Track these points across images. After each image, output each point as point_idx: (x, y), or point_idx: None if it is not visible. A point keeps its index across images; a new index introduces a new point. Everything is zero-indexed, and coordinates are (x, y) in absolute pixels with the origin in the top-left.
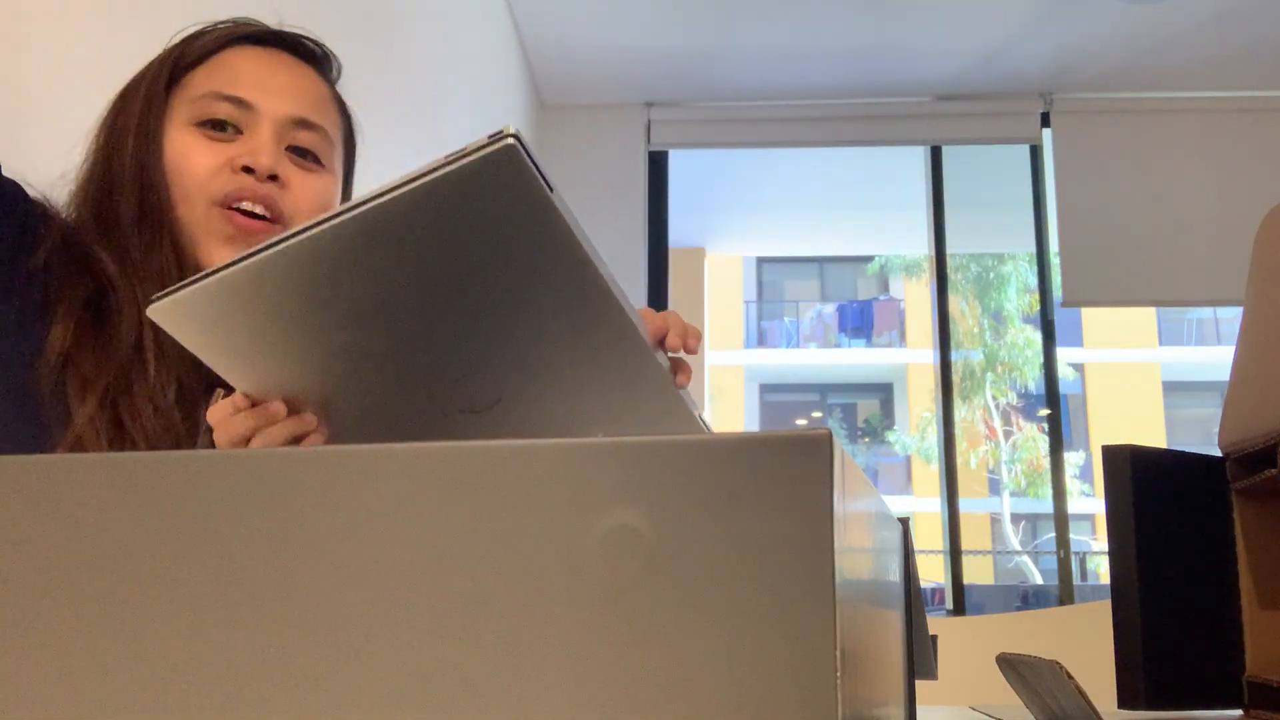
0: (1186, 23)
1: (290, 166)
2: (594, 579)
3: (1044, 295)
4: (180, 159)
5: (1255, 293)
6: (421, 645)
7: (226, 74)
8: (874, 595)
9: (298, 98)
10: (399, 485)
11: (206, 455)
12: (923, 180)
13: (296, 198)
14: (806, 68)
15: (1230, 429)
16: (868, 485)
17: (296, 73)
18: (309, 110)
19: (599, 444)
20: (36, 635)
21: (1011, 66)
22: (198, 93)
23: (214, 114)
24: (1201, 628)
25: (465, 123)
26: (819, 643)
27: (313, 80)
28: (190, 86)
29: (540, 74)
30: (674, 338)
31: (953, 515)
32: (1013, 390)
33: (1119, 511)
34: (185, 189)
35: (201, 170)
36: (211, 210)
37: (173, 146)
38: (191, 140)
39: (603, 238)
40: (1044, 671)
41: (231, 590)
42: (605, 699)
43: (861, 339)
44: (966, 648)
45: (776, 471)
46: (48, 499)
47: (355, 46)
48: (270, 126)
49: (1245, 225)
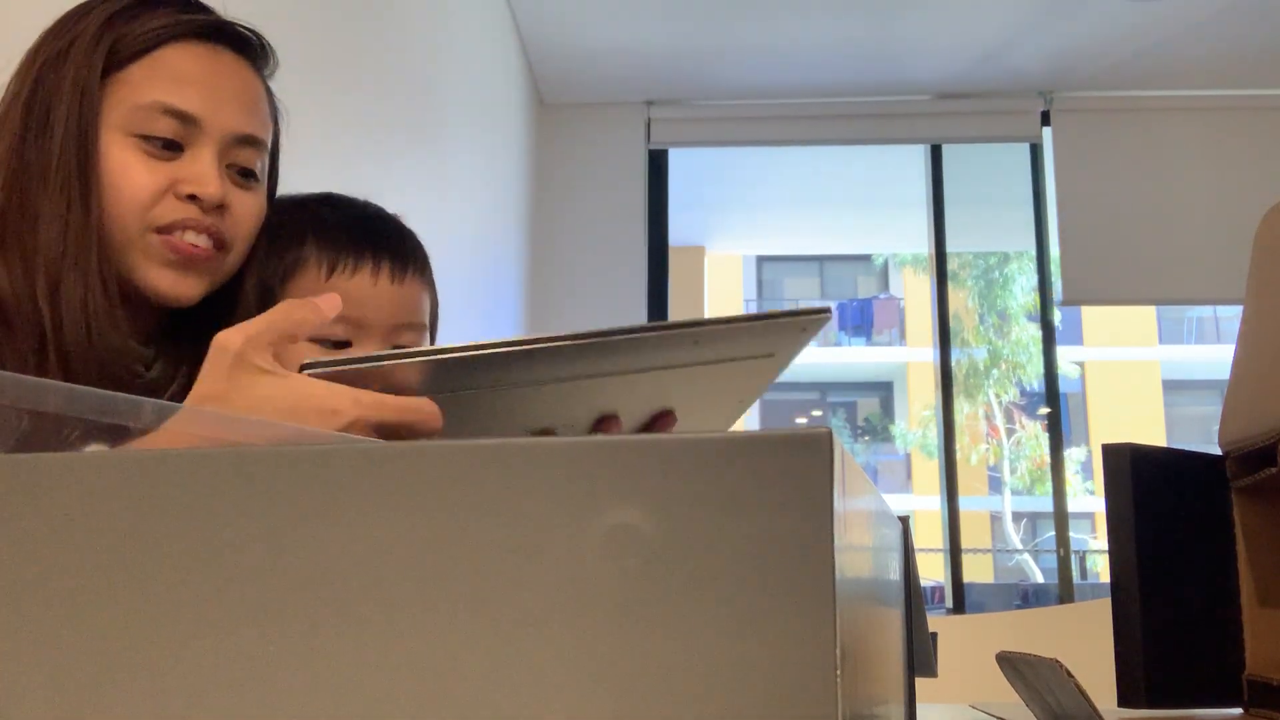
0: (1187, 21)
1: (231, 188)
2: (594, 577)
3: (1044, 293)
4: (118, 175)
5: (1255, 291)
6: (421, 643)
7: (169, 79)
8: (874, 593)
9: (243, 110)
10: (399, 483)
11: (208, 454)
12: (923, 179)
13: (237, 220)
14: (806, 66)
15: (1230, 427)
16: (868, 484)
17: (239, 75)
18: (253, 124)
19: (599, 442)
20: (37, 635)
21: (1012, 65)
22: (140, 99)
23: (156, 131)
24: (1202, 626)
25: (465, 122)
26: (819, 641)
27: (253, 81)
28: (128, 85)
29: (540, 73)
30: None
31: (953, 514)
32: (1015, 387)
33: (1119, 510)
34: (120, 208)
35: (142, 193)
36: (149, 235)
37: (109, 155)
38: (129, 157)
39: (603, 237)
40: (1044, 670)
41: (231, 589)
42: (605, 697)
43: (861, 337)
44: (966, 646)
45: (776, 470)
46: (49, 497)
47: (355, 46)
48: (214, 146)
49: (1245, 224)
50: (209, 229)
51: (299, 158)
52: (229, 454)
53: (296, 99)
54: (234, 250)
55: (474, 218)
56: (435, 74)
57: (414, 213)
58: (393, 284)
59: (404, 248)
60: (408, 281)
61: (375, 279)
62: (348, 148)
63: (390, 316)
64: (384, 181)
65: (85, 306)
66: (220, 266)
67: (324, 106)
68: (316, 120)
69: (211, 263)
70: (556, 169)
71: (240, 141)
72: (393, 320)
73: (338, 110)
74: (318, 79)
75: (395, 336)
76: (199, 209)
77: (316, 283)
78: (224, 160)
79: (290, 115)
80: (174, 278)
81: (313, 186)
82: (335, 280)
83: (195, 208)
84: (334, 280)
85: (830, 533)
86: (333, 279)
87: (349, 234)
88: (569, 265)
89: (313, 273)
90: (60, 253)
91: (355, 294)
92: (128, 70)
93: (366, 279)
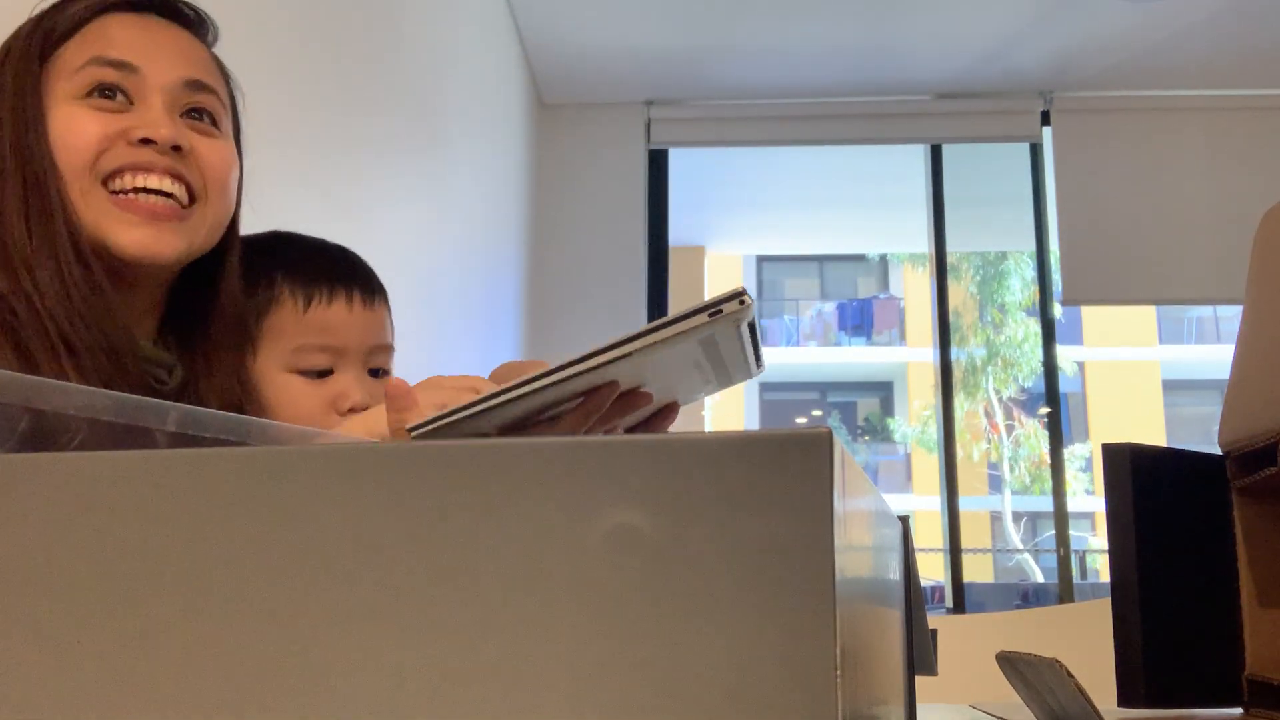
0: (1186, 21)
1: (190, 133)
2: (594, 577)
3: (1044, 293)
4: (65, 131)
5: (1255, 291)
6: (422, 642)
7: (104, 40)
8: (874, 593)
9: (185, 59)
10: (400, 484)
11: (208, 454)
12: (923, 178)
13: (204, 164)
14: (806, 66)
15: (1230, 427)
16: (868, 484)
17: (177, 37)
18: (198, 71)
19: (599, 442)
20: (38, 634)
21: (1011, 65)
22: (75, 64)
23: (99, 79)
24: (1201, 626)
25: (465, 123)
26: (819, 641)
27: (194, 44)
28: (65, 60)
29: (540, 72)
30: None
31: (952, 513)
32: (1015, 383)
33: (1119, 510)
34: (72, 165)
35: (89, 139)
36: (100, 191)
37: (56, 124)
38: (76, 112)
39: (603, 237)
40: (1044, 670)
41: (231, 587)
42: (606, 695)
43: (861, 337)
44: (966, 646)
45: (777, 470)
46: (52, 496)
47: (355, 46)
48: (162, 93)
49: (1245, 224)
50: (169, 170)
51: (301, 159)
52: (229, 454)
53: (296, 100)
54: (209, 203)
55: (474, 218)
56: (435, 74)
57: (414, 214)
58: (365, 310)
59: (368, 276)
60: (376, 306)
61: (350, 307)
62: (348, 148)
63: (366, 340)
64: (384, 183)
65: (63, 278)
66: (198, 223)
67: (324, 107)
68: (317, 121)
69: (183, 217)
70: (556, 169)
71: (189, 86)
72: (369, 344)
73: (338, 111)
74: (317, 79)
75: (372, 359)
76: (154, 152)
77: (295, 315)
78: (176, 107)
79: (290, 116)
80: (141, 235)
81: (315, 186)
82: (314, 312)
83: (149, 150)
84: (312, 312)
85: (830, 533)
86: (311, 311)
87: (317, 267)
88: (569, 265)
89: (289, 306)
90: (27, 237)
91: (334, 323)
92: (63, 49)
93: (342, 308)
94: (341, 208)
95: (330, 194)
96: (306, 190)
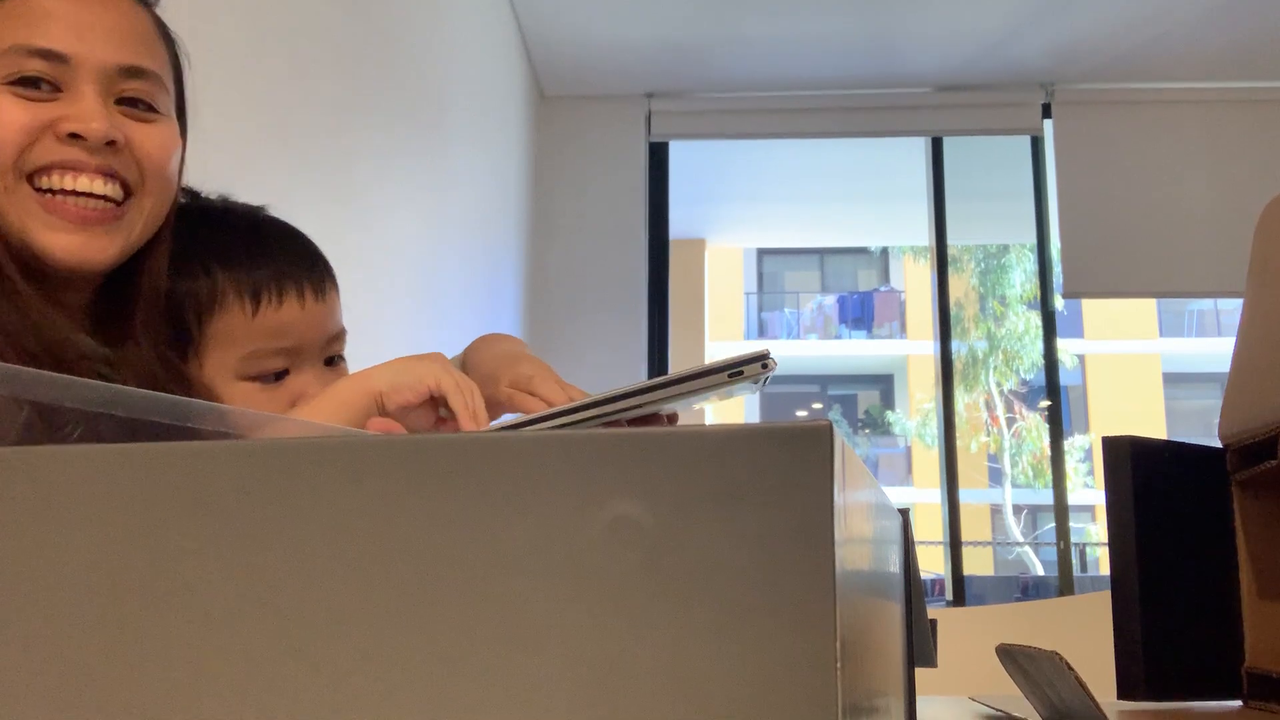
0: (1187, 13)
1: (125, 121)
2: (594, 570)
3: (1045, 286)
4: None
5: (1255, 284)
6: (420, 637)
7: (29, 19)
8: (874, 586)
9: (119, 40)
10: (399, 477)
11: (209, 447)
12: (923, 171)
13: (141, 154)
14: (807, 58)
15: (1231, 420)
16: (868, 477)
17: (113, 6)
18: (137, 54)
19: (600, 435)
20: (39, 633)
21: (1012, 57)
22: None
23: (23, 70)
24: (1201, 619)
25: (465, 115)
26: (819, 634)
27: (133, 13)
28: None
29: (540, 65)
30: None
31: (953, 506)
32: (1015, 376)
33: (1119, 502)
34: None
35: (11, 130)
36: (24, 188)
37: None
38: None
39: (603, 229)
40: (1044, 662)
41: (230, 586)
42: (605, 690)
43: (862, 330)
44: (966, 638)
45: (777, 463)
46: (53, 492)
47: (355, 39)
48: (94, 81)
49: (1246, 217)
50: (101, 169)
51: (299, 150)
52: (229, 448)
53: (296, 92)
54: (147, 193)
55: (474, 211)
56: (435, 67)
57: (414, 206)
58: (317, 304)
59: (314, 261)
60: (328, 295)
61: (302, 304)
62: (347, 140)
63: (321, 334)
64: (383, 175)
65: None
66: (134, 218)
67: (324, 99)
68: (316, 113)
69: (117, 216)
70: (557, 162)
71: (124, 73)
72: (323, 336)
73: (337, 103)
74: (317, 71)
75: (328, 349)
76: (84, 150)
77: (244, 320)
78: (109, 95)
79: (289, 109)
80: (69, 241)
81: (316, 181)
82: (264, 315)
83: (79, 148)
84: (262, 316)
85: (831, 526)
86: (261, 315)
87: (257, 259)
88: (569, 258)
89: (236, 310)
90: None
91: (286, 324)
92: None
93: (294, 307)
94: (341, 201)
95: (329, 186)
96: (305, 181)
